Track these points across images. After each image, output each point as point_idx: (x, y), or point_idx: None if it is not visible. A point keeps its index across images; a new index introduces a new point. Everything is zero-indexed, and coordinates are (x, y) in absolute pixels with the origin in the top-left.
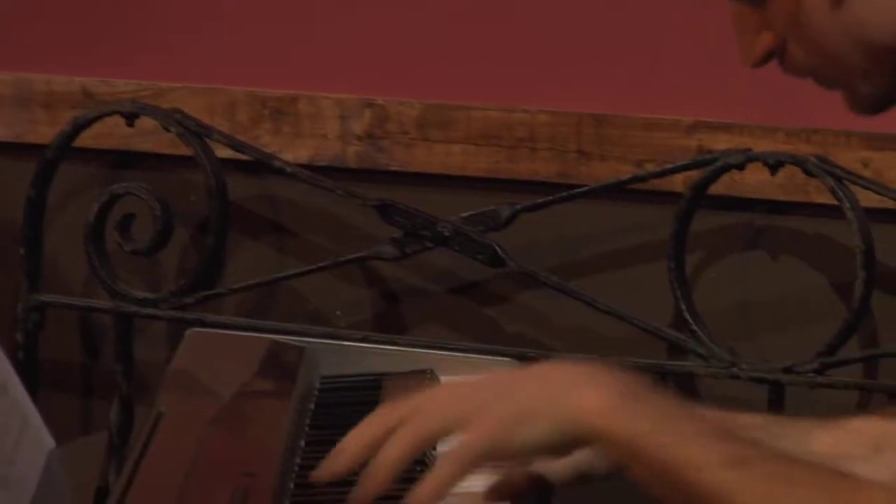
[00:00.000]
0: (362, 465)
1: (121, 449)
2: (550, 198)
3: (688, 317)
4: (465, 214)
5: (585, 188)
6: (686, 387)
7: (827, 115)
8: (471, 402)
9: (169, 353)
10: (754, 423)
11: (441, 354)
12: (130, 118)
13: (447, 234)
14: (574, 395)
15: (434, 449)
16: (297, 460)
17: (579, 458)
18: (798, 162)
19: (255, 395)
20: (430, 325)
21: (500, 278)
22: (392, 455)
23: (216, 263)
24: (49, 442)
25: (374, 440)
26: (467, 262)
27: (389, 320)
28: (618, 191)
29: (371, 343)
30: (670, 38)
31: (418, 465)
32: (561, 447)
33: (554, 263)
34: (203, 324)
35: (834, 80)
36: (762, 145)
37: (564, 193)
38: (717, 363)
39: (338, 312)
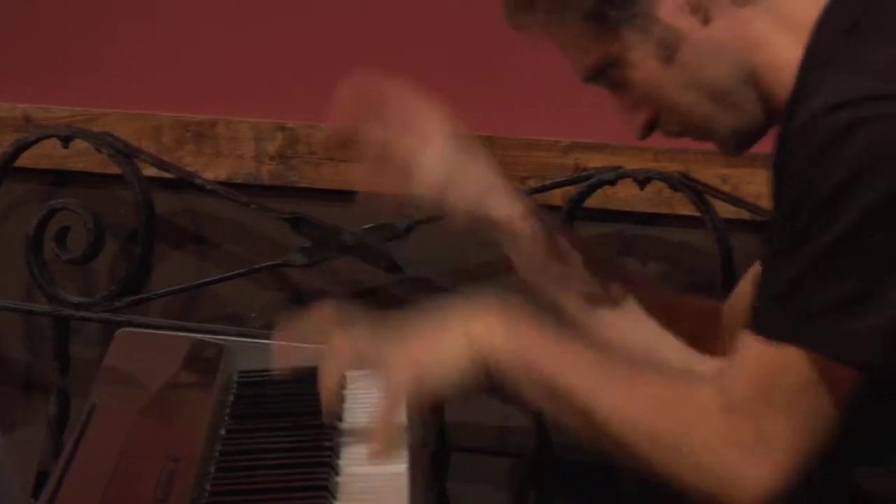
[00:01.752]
0: None
1: (59, 438)
2: None
3: None
4: (366, 226)
5: None
6: None
7: None
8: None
9: (102, 352)
10: None
11: None
12: (66, 141)
13: (351, 243)
14: (471, 333)
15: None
16: (218, 447)
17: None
18: (664, 178)
19: (179, 388)
20: None
21: (398, 283)
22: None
23: (144, 271)
24: None
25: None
26: (369, 269)
27: None
28: None
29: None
30: (550, 67)
31: (326, 450)
32: (471, 385)
33: (447, 269)
34: (132, 325)
35: (700, 133)
36: (632, 163)
37: None
38: None
39: (253, 314)
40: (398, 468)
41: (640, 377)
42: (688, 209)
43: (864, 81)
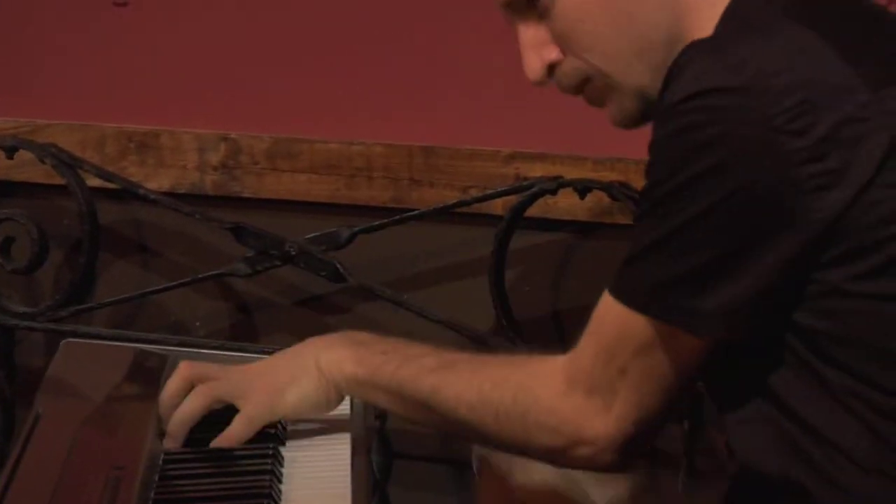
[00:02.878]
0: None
1: (4, 447)
2: (385, 220)
3: (506, 324)
4: (309, 236)
5: (416, 212)
6: None
7: (628, 146)
8: (249, 378)
9: (47, 361)
10: None
11: None
12: (10, 151)
13: (294, 253)
14: (322, 359)
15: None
16: (162, 455)
17: None
18: (604, 188)
19: (123, 398)
20: (279, 335)
21: (341, 292)
22: (187, 411)
23: (88, 281)
24: None
25: (178, 396)
26: (312, 278)
27: (243, 330)
28: (445, 214)
29: (226, 350)
30: (490, 77)
31: (269, 458)
32: (323, 401)
33: (389, 278)
34: (77, 335)
35: (601, 87)
36: (572, 173)
37: (398, 217)
38: None
39: (197, 323)
40: (341, 474)
41: (483, 363)
42: (627, 218)
43: (720, 71)
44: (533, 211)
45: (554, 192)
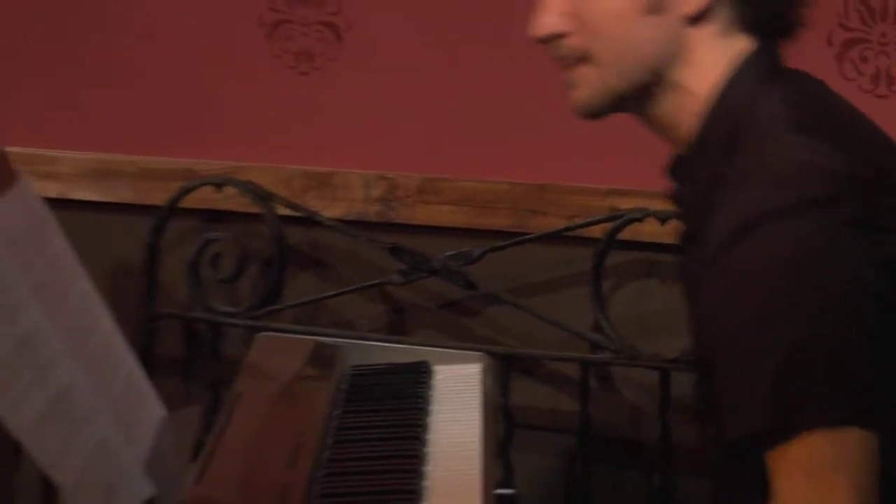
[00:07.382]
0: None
1: (212, 418)
2: (508, 242)
3: (603, 324)
4: (449, 253)
5: (533, 235)
6: (602, 373)
7: None
8: None
9: (245, 351)
10: None
11: (432, 350)
12: (219, 187)
13: (437, 267)
14: None
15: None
16: (335, 423)
17: None
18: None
19: (304, 379)
20: (425, 330)
21: (473, 298)
22: None
23: (278, 288)
24: (161, 411)
25: None
26: (451, 287)
27: (397, 327)
28: (555, 237)
29: (385, 342)
30: (592, 128)
31: (419, 426)
32: None
33: (511, 287)
34: (269, 330)
35: (581, 79)
36: (656, 205)
37: (518, 239)
38: (624, 356)
39: (362, 321)
40: (473, 440)
41: None
42: None
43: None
44: (624, 235)
45: (641, 220)
